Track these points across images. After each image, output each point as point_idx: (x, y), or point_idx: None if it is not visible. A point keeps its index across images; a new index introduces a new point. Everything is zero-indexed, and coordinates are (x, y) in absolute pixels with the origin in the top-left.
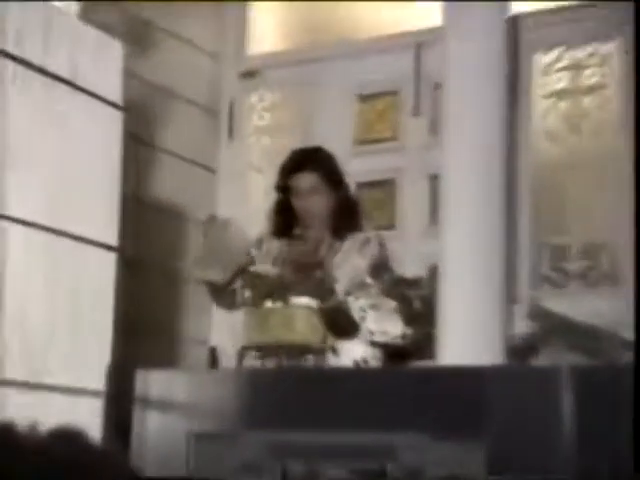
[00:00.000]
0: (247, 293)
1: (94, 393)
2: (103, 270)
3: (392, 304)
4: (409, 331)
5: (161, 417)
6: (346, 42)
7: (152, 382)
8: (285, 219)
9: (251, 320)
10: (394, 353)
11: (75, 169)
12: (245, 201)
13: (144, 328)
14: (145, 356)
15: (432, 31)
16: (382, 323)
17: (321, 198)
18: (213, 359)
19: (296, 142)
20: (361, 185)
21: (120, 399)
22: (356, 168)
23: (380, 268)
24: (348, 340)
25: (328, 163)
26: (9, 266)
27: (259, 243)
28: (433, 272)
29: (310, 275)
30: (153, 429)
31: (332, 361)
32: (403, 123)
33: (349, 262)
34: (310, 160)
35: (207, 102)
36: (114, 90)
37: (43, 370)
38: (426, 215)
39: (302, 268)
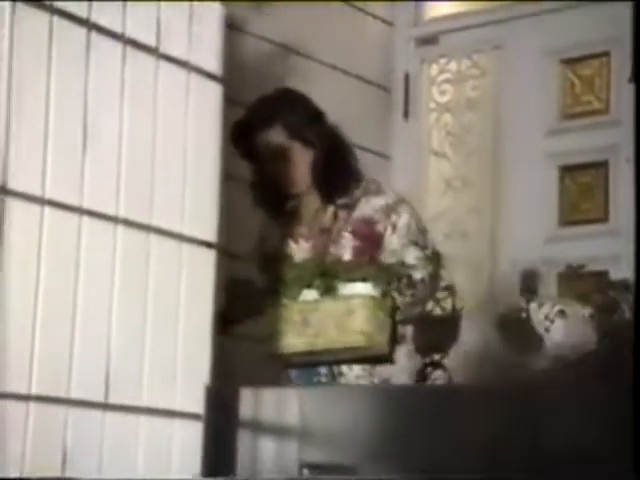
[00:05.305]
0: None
1: (192, 416)
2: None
3: (586, 311)
4: (607, 345)
5: (271, 445)
6: None
7: (260, 403)
8: (268, 191)
9: (281, 321)
10: (587, 372)
11: (161, 153)
12: (424, 192)
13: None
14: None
15: None
16: (571, 335)
17: (295, 161)
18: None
19: (485, 120)
20: (566, 168)
21: (221, 422)
22: (559, 148)
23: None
24: (528, 357)
25: (294, 108)
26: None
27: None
28: None
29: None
30: (263, 458)
31: None
32: (617, 91)
33: None
34: (269, 110)
35: (377, 76)
36: (211, 58)
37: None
38: None
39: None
